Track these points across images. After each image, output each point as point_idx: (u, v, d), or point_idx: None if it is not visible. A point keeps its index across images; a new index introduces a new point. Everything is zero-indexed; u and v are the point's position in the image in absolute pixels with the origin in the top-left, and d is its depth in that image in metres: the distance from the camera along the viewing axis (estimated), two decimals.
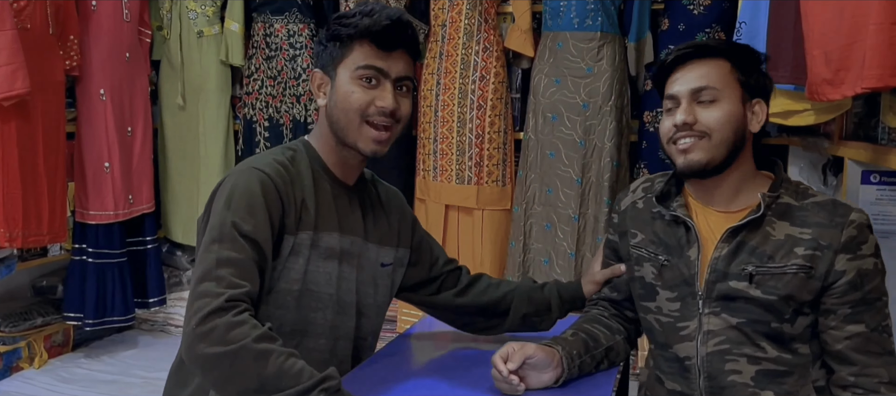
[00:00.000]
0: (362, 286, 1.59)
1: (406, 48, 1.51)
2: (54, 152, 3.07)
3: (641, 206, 1.59)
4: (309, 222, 1.46)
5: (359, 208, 1.58)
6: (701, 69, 1.45)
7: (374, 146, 1.49)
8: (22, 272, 3.41)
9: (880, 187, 2.20)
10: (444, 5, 3.32)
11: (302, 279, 1.47)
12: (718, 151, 1.43)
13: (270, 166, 1.45)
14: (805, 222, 1.41)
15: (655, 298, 1.53)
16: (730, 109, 1.43)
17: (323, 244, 1.49)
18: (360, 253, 1.56)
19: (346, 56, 1.49)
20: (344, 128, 1.49)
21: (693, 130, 1.44)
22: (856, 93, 1.75)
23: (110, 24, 3.28)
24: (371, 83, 1.48)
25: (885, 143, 2.08)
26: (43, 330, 3.36)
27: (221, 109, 3.67)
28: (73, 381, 3.15)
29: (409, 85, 1.53)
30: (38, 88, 2.88)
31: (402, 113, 1.51)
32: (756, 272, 1.40)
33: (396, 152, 3.39)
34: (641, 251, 1.56)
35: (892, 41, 1.58)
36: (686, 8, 3.06)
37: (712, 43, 1.48)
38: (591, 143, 3.13)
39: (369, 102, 1.47)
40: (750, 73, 1.46)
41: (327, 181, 1.53)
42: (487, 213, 3.33)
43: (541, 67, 3.22)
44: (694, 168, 1.45)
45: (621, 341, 1.63)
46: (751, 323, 1.42)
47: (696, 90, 1.44)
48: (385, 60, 1.48)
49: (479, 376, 1.51)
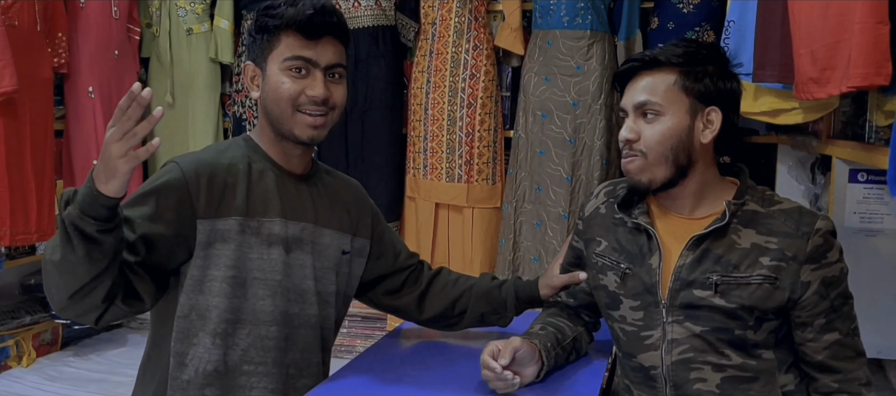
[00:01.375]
0: (322, 273, 1.59)
1: (334, 35, 1.52)
2: (42, 150, 3.05)
3: (604, 212, 1.58)
4: (235, 208, 1.48)
5: (309, 196, 1.59)
6: (645, 82, 1.44)
7: (310, 132, 1.51)
8: (10, 270, 3.39)
9: (867, 185, 2.21)
10: (435, 3, 3.31)
11: (234, 266, 1.48)
12: (658, 169, 1.42)
13: (188, 158, 1.50)
14: (771, 230, 1.40)
15: (619, 307, 1.51)
16: (672, 125, 1.41)
17: (264, 231, 1.50)
18: (313, 240, 1.57)
19: (274, 48, 1.50)
20: (278, 118, 1.51)
21: (633, 147, 1.44)
22: (841, 92, 1.75)
23: (99, 22, 3.27)
24: (300, 73, 1.49)
25: (873, 141, 2.08)
26: (31, 329, 3.34)
27: (211, 107, 3.66)
28: (61, 380, 3.13)
29: (340, 72, 1.54)
30: (26, 85, 2.87)
31: (336, 100, 1.53)
32: (721, 281, 1.39)
33: (386, 150, 3.39)
34: (605, 259, 1.55)
35: (876, 41, 1.58)
36: (676, 6, 3.06)
37: (660, 54, 1.44)
38: (581, 141, 3.13)
39: (300, 91, 1.49)
40: (700, 79, 1.42)
41: (271, 170, 1.55)
42: (477, 211, 3.33)
43: (531, 66, 3.21)
44: (638, 187, 1.46)
45: (584, 331, 1.66)
46: (714, 331, 1.41)
47: (639, 105, 1.43)
48: (312, 50, 1.49)
49: (470, 374, 1.51)
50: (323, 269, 1.59)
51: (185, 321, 1.48)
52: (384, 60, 3.35)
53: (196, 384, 1.48)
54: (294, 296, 1.54)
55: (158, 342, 1.54)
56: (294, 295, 1.54)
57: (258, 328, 1.50)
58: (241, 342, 1.49)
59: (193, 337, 1.48)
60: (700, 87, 1.42)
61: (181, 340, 1.48)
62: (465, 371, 1.54)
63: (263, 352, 1.50)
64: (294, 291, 1.53)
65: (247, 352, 1.50)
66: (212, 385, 1.48)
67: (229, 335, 1.48)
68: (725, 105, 1.45)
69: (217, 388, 1.49)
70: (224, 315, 1.48)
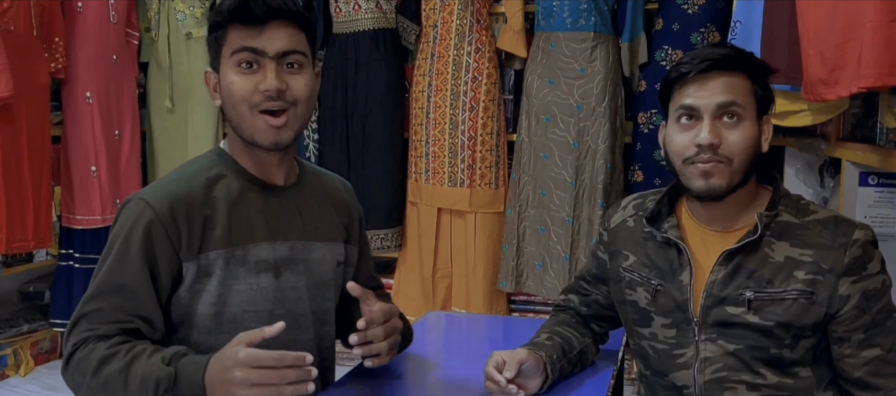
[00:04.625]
0: (318, 291, 1.49)
1: (285, 18, 1.36)
2: (39, 156, 3.02)
3: (632, 225, 1.52)
4: (218, 241, 1.36)
5: (296, 208, 1.47)
6: (725, 82, 1.34)
7: (272, 136, 1.36)
8: (8, 277, 3.37)
9: (878, 189, 2.16)
10: (436, 6, 3.28)
11: (217, 302, 1.37)
12: (737, 176, 1.35)
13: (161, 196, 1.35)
14: (805, 242, 1.34)
15: (650, 324, 1.46)
16: (751, 131, 1.35)
17: (251, 259, 1.38)
18: (304, 258, 1.46)
19: (222, 45, 1.37)
20: (238, 124, 1.38)
21: (717, 152, 1.33)
22: (851, 93, 1.71)
23: (97, 26, 3.24)
24: (251, 68, 1.35)
25: (884, 144, 2.04)
26: (29, 337, 3.32)
27: (210, 112, 3.63)
28: (59, 389, 3.10)
29: (298, 60, 1.38)
30: (23, 91, 2.84)
31: (296, 93, 1.37)
32: (754, 297, 1.34)
33: (388, 155, 3.36)
34: (634, 275, 1.49)
35: (888, 39, 1.54)
36: (680, 7, 3.02)
37: (733, 53, 1.36)
38: (585, 145, 3.09)
39: (252, 88, 1.34)
40: (766, 87, 1.38)
41: (252, 189, 1.42)
42: (480, 216, 3.29)
43: (533, 68, 3.18)
44: (715, 194, 1.35)
45: (591, 343, 1.61)
46: (748, 349, 1.35)
47: (723, 105, 1.33)
48: (258, 38, 1.34)
49: (472, 383, 1.47)
50: (317, 287, 1.49)
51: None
52: (385, 64, 3.32)
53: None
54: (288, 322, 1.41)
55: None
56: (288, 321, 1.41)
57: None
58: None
59: None
60: (765, 94, 1.38)
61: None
62: (466, 380, 1.51)
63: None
64: (288, 317, 1.39)
65: None
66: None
67: None
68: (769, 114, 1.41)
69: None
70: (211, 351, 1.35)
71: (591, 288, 1.63)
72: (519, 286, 3.24)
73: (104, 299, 1.31)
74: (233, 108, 1.37)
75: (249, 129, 1.37)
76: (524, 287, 3.24)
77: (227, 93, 1.37)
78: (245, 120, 1.36)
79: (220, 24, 1.37)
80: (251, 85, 1.34)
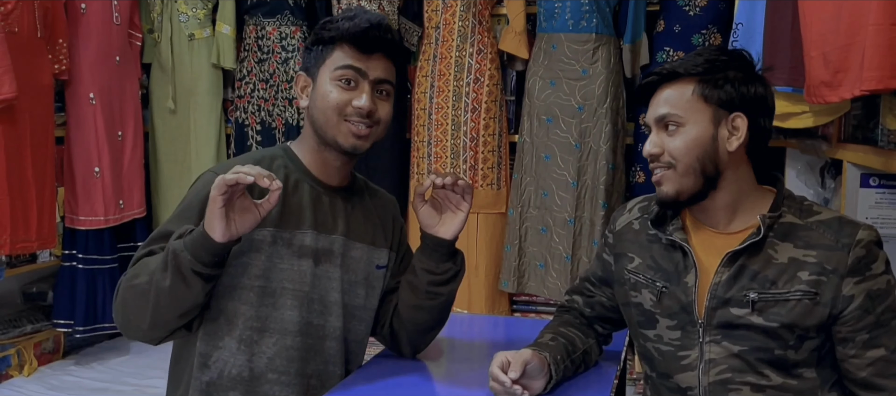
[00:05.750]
0: (351, 286, 1.60)
1: (385, 52, 1.54)
2: (42, 157, 3.03)
3: (638, 227, 1.53)
4: (269, 219, 1.49)
5: (343, 209, 1.60)
6: (665, 95, 1.40)
7: (353, 141, 1.52)
8: (11, 278, 3.37)
9: (880, 190, 2.17)
10: (438, 7, 3.29)
11: (263, 276, 1.50)
12: (686, 180, 1.38)
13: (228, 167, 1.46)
14: (809, 243, 1.35)
15: (655, 326, 1.47)
16: (695, 134, 1.36)
17: (296, 243, 1.52)
18: (343, 253, 1.58)
19: (326, 58, 1.53)
20: (323, 126, 1.53)
21: (660, 160, 1.40)
22: (854, 95, 1.71)
23: (100, 27, 3.25)
24: (349, 84, 1.51)
25: (885, 146, 2.05)
26: (33, 337, 3.32)
27: (213, 113, 3.64)
28: (63, 389, 3.11)
29: (388, 89, 1.57)
30: (26, 92, 2.84)
31: (381, 115, 1.55)
32: (758, 299, 1.34)
33: (391, 155, 3.36)
34: (638, 277, 1.50)
35: (892, 42, 1.54)
36: (682, 9, 3.03)
37: (679, 66, 1.40)
38: (587, 145, 3.10)
39: (347, 102, 1.51)
40: (720, 86, 1.37)
41: (307, 182, 1.57)
42: (482, 216, 3.30)
43: (535, 69, 3.19)
44: (666, 200, 1.41)
45: (594, 344, 1.62)
46: (753, 351, 1.36)
47: (660, 118, 1.40)
48: (363, 62, 1.51)
49: (477, 383, 1.48)
50: (351, 282, 1.60)
51: (214, 324, 1.50)
52: None
53: (219, 386, 1.50)
54: (318, 307, 1.55)
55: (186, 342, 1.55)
56: (318, 306, 1.55)
57: (284, 338, 1.51)
58: (268, 350, 1.51)
59: (219, 341, 1.50)
60: (721, 94, 1.37)
61: (207, 342, 1.50)
62: (469, 381, 1.52)
63: (287, 362, 1.52)
64: (319, 302, 1.54)
65: (273, 361, 1.51)
66: (235, 389, 1.50)
67: (255, 342, 1.50)
68: (752, 111, 1.39)
69: (240, 393, 1.50)
70: (251, 323, 1.50)
71: (596, 290, 1.63)
72: (521, 286, 3.25)
73: (155, 243, 1.47)
74: (323, 112, 1.52)
75: (333, 131, 1.52)
76: (526, 288, 3.25)
77: (322, 99, 1.52)
78: (331, 123, 1.52)
79: (331, 40, 1.52)
80: (346, 98, 1.51)
